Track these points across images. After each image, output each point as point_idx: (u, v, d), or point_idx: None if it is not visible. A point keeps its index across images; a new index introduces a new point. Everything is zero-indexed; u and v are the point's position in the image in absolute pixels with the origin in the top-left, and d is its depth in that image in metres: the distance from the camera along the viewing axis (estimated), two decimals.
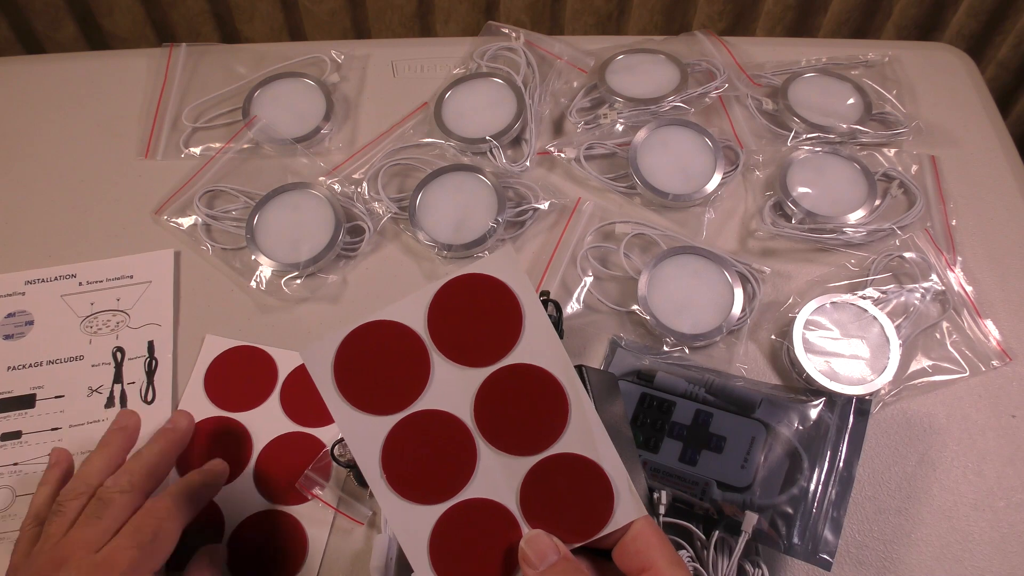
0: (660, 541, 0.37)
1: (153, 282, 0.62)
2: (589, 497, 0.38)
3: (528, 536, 0.38)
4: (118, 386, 0.58)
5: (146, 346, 0.60)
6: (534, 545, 0.37)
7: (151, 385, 0.58)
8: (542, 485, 0.39)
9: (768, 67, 0.76)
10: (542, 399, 0.39)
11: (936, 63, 0.78)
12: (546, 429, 0.39)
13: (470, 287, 0.40)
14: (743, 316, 0.60)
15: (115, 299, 0.62)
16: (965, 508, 0.54)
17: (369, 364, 0.39)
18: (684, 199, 0.66)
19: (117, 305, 0.61)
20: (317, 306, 0.62)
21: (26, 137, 0.71)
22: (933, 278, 0.62)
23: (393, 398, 0.39)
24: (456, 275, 0.39)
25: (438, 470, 0.39)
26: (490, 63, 0.75)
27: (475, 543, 0.38)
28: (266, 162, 0.69)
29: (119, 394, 0.58)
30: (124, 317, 0.61)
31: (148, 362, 0.59)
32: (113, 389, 0.58)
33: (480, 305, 0.39)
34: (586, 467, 0.39)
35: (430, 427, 0.39)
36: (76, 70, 0.76)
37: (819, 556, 0.49)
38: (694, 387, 0.55)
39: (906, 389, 0.58)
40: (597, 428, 0.39)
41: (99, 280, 0.63)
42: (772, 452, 0.51)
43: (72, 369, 0.59)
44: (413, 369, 0.39)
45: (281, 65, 0.75)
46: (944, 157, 0.70)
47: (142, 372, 0.59)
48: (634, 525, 0.38)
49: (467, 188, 0.66)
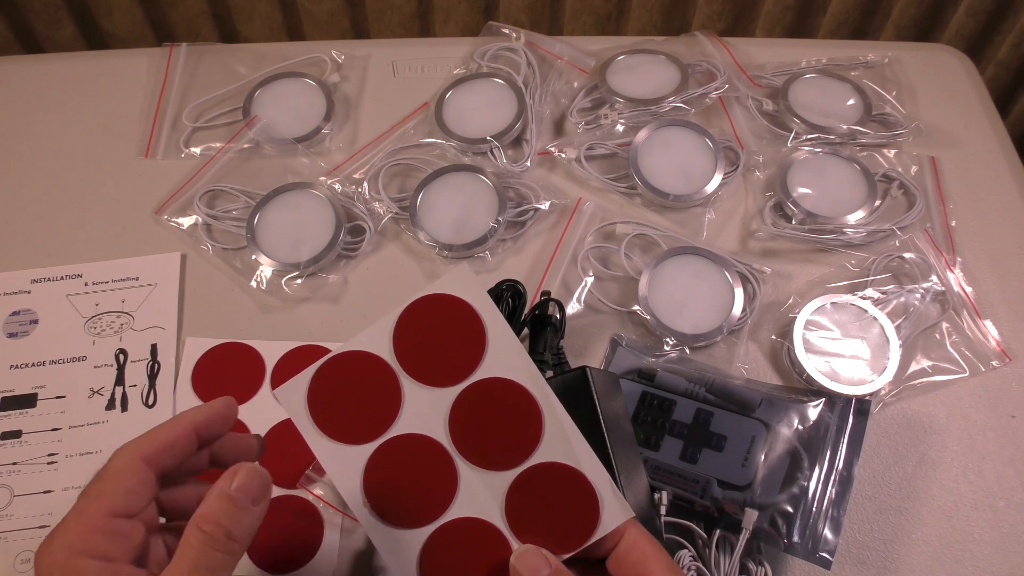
0: (655, 550, 0.37)
1: (159, 285, 0.62)
2: (574, 505, 0.38)
3: (518, 552, 0.37)
4: (120, 388, 0.58)
5: (149, 349, 0.60)
6: (525, 560, 0.37)
7: (153, 389, 0.58)
8: (526, 497, 0.39)
9: (768, 68, 0.76)
10: (514, 411, 0.39)
11: (936, 64, 0.78)
12: (522, 440, 0.39)
13: (431, 308, 0.40)
14: (743, 316, 0.60)
15: (120, 301, 0.62)
16: (965, 508, 0.54)
17: (342, 395, 0.39)
18: (685, 199, 0.66)
19: (122, 307, 0.61)
20: (318, 306, 0.62)
21: (26, 137, 0.71)
22: (933, 279, 0.62)
23: (369, 426, 0.39)
24: (415, 298, 0.40)
25: (420, 493, 0.39)
26: (491, 63, 0.75)
27: (464, 562, 0.38)
28: (267, 162, 0.69)
29: (120, 397, 0.58)
30: (128, 319, 0.60)
31: (151, 365, 0.59)
32: (115, 391, 0.58)
33: (443, 325, 0.40)
34: (567, 475, 0.38)
35: (408, 451, 0.39)
36: (76, 70, 0.76)
37: (819, 555, 0.49)
38: (695, 386, 0.55)
39: (906, 389, 0.58)
40: (573, 434, 0.39)
41: (105, 281, 0.62)
42: (772, 451, 0.51)
43: (75, 370, 0.59)
44: (385, 396, 0.40)
45: (282, 65, 0.75)
46: (944, 158, 0.70)
47: (144, 375, 0.58)
48: (627, 535, 0.37)
49: (468, 188, 0.66)
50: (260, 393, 0.58)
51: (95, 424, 0.57)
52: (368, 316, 0.61)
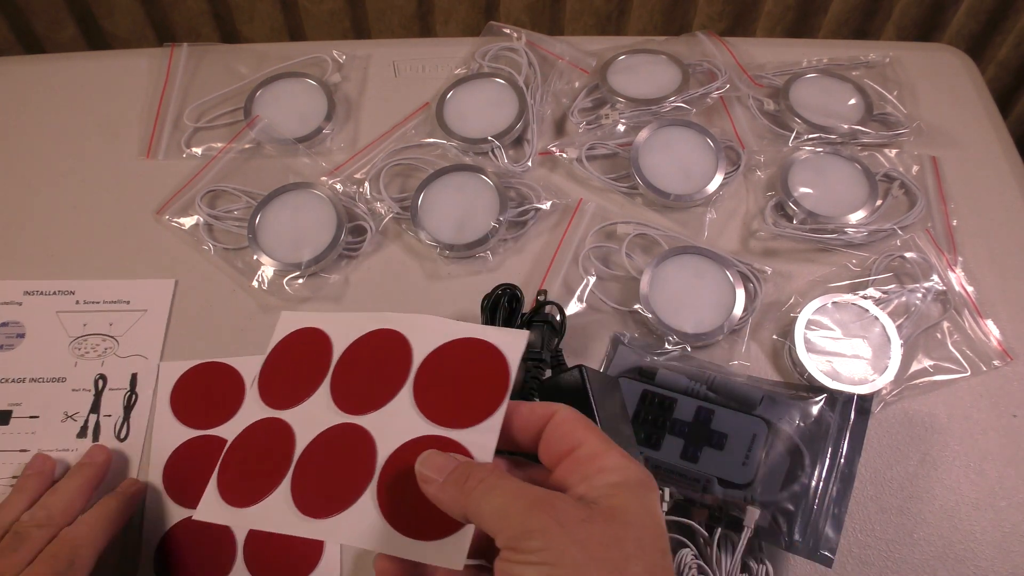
0: (588, 424, 0.35)
1: (148, 311, 0.61)
2: (484, 374, 0.37)
3: (421, 458, 0.36)
4: (94, 416, 0.56)
5: (129, 379, 0.58)
6: (429, 464, 0.35)
7: (127, 421, 0.56)
8: (435, 383, 0.38)
9: (769, 68, 0.76)
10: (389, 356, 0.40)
11: (936, 64, 0.78)
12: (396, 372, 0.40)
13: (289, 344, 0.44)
14: (745, 316, 0.60)
15: (108, 323, 0.60)
16: (967, 507, 0.54)
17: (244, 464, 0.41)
18: (686, 199, 0.66)
19: (109, 330, 0.60)
20: (319, 306, 0.62)
21: (28, 137, 0.71)
22: (934, 278, 0.62)
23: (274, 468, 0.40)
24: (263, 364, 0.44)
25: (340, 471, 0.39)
26: (492, 63, 0.75)
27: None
28: (268, 162, 0.69)
29: (93, 425, 0.56)
30: (113, 343, 0.59)
31: (128, 396, 0.57)
32: (88, 419, 0.56)
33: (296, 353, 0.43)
34: (471, 346, 0.38)
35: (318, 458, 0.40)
36: (77, 70, 0.76)
37: (820, 553, 0.49)
38: (695, 384, 0.55)
39: (907, 389, 0.58)
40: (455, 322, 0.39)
41: (96, 301, 0.61)
42: (773, 449, 0.51)
43: (52, 390, 0.57)
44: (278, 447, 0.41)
45: (283, 65, 0.75)
46: (945, 158, 0.70)
47: (120, 406, 0.57)
48: (556, 415, 0.36)
49: (469, 188, 0.66)
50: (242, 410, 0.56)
51: (64, 451, 0.55)
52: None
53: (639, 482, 0.33)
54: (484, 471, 0.34)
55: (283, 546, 0.52)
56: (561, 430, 0.35)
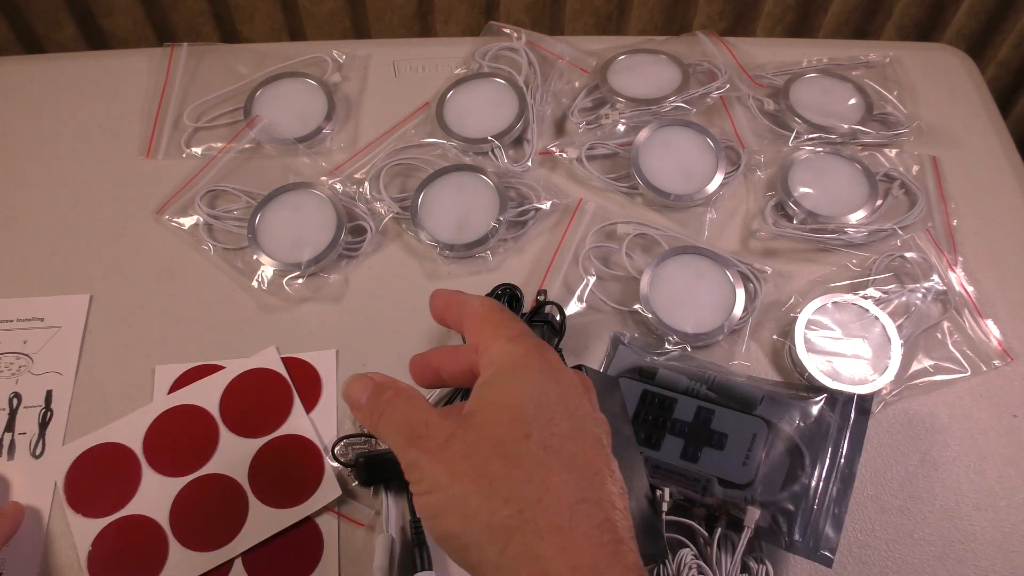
0: (486, 317, 0.35)
1: (63, 327, 0.60)
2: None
3: (345, 383, 0.37)
4: (8, 435, 0.55)
5: (44, 395, 0.57)
6: (351, 388, 0.37)
7: (42, 438, 0.55)
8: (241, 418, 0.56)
9: (769, 67, 0.76)
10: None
11: (937, 64, 0.78)
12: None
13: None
14: (745, 316, 0.60)
15: (22, 341, 0.59)
16: (967, 508, 0.54)
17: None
18: (686, 199, 0.66)
19: (23, 348, 0.59)
20: (319, 306, 0.62)
21: (27, 137, 0.71)
22: (934, 278, 0.62)
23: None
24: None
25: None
26: (492, 63, 0.75)
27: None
28: (268, 162, 0.69)
29: (8, 444, 0.55)
30: (27, 362, 0.58)
31: (43, 413, 0.56)
32: (3, 438, 0.55)
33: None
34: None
35: None
36: (77, 70, 0.76)
37: (820, 552, 0.49)
38: (695, 384, 0.55)
39: (908, 389, 0.58)
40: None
41: (10, 320, 0.60)
42: (773, 449, 0.51)
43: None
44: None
45: (282, 65, 0.75)
46: (945, 157, 0.70)
47: (35, 423, 0.56)
48: (464, 327, 0.36)
49: (469, 188, 0.66)
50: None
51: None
52: (369, 315, 0.61)
53: (506, 367, 0.33)
54: (386, 393, 0.35)
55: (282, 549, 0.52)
56: (472, 340, 0.36)
